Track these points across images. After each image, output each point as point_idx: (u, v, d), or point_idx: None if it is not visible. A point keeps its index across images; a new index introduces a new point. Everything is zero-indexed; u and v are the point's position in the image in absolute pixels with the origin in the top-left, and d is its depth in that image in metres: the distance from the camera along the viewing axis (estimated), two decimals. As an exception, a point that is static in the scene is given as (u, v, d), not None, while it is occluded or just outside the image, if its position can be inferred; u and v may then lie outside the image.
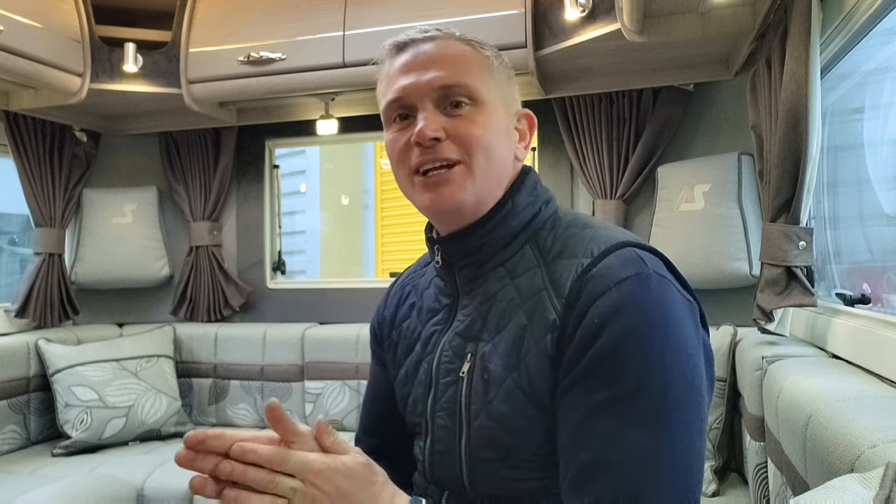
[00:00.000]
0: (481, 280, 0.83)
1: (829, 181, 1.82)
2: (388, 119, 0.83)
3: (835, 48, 1.55)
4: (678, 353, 0.69)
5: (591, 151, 2.37)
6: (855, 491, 0.61)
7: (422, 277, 0.97)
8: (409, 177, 0.81)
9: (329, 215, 5.28)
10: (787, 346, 1.58)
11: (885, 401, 0.99)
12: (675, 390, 0.67)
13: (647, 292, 0.70)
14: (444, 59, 0.80)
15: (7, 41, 2.03)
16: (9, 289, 3.69)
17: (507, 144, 0.83)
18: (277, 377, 2.67)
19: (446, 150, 0.78)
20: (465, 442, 0.79)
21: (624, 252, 0.74)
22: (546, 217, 0.84)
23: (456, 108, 0.79)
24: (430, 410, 0.84)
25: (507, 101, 0.84)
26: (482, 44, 0.84)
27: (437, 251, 0.85)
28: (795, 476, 1.06)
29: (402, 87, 0.80)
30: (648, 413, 0.66)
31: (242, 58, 2.35)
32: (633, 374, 0.67)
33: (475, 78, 0.80)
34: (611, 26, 1.88)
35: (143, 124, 2.85)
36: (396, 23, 2.22)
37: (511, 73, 0.87)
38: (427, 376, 0.85)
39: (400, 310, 0.97)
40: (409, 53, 0.81)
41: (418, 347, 0.89)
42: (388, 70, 0.83)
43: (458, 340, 0.82)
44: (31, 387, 2.44)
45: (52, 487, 1.89)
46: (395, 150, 0.82)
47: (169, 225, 2.96)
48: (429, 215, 0.85)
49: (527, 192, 0.83)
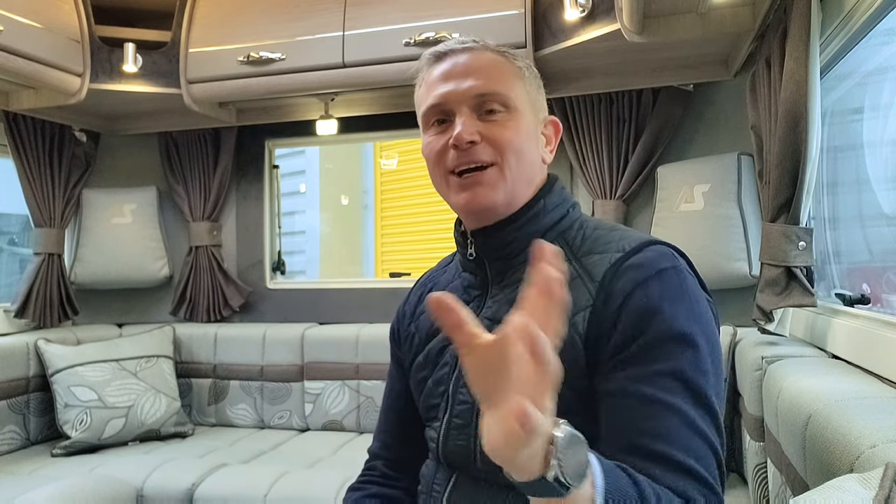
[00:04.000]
0: (511, 272, 0.88)
1: (828, 181, 1.82)
2: (427, 123, 0.90)
3: (834, 48, 1.55)
4: (711, 339, 0.77)
5: (591, 151, 2.37)
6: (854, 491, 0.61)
7: (443, 276, 1.02)
8: (445, 177, 0.88)
9: (329, 215, 5.28)
10: (787, 346, 1.58)
11: (884, 401, 0.99)
12: (711, 370, 0.75)
13: (684, 285, 0.78)
14: (481, 69, 0.86)
15: (7, 41, 2.03)
16: (8, 289, 3.69)
17: (536, 148, 0.89)
18: (277, 377, 2.67)
19: (481, 152, 0.84)
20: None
21: (659, 247, 0.81)
22: (574, 218, 0.90)
23: (490, 115, 0.85)
24: (454, 387, 0.88)
25: (537, 107, 0.91)
26: (514, 54, 0.91)
27: (471, 244, 0.90)
28: (795, 476, 1.06)
29: (442, 93, 0.86)
30: (695, 387, 0.73)
31: (242, 58, 2.35)
32: (680, 354, 0.74)
33: (508, 86, 0.86)
34: (610, 26, 1.88)
35: (143, 124, 2.84)
36: (396, 23, 2.22)
37: (540, 82, 0.93)
38: (453, 358, 0.89)
39: (420, 304, 1.01)
40: (448, 63, 0.87)
41: (443, 334, 0.92)
42: (428, 77, 0.89)
43: (486, 323, 0.85)
44: (31, 387, 2.44)
45: (51, 488, 1.89)
46: (432, 151, 0.88)
47: (168, 225, 2.96)
48: (462, 213, 0.90)
49: (557, 194, 0.90)
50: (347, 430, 2.57)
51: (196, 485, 2.02)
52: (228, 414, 2.71)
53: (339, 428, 2.58)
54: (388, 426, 1.07)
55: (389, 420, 1.07)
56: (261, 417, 2.69)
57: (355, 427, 2.56)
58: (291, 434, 2.60)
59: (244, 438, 2.54)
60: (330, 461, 2.24)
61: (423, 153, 0.90)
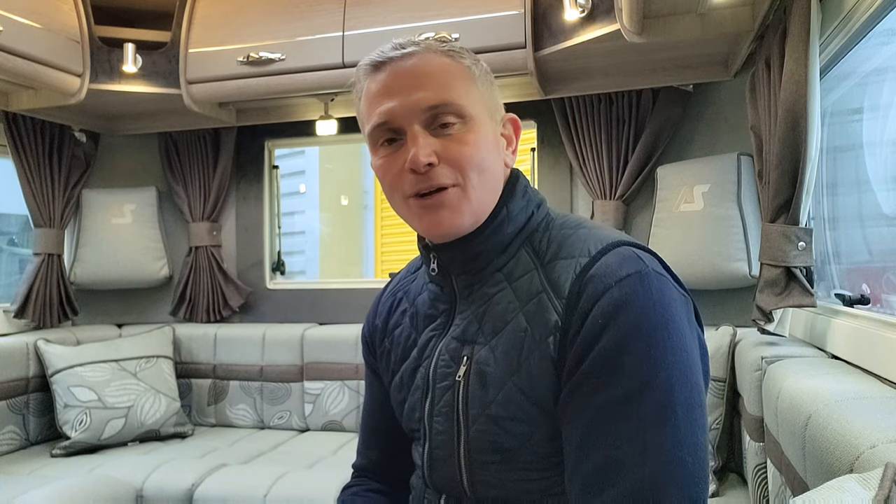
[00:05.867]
0: (479, 285, 0.83)
1: (828, 182, 1.82)
2: (375, 142, 0.81)
3: (834, 49, 1.55)
4: (680, 351, 0.69)
5: (591, 152, 2.37)
6: (854, 491, 0.61)
7: (413, 283, 0.96)
8: (404, 202, 0.80)
9: (328, 216, 5.28)
10: (787, 346, 1.58)
11: (884, 401, 0.99)
12: (679, 388, 0.68)
13: (647, 291, 0.70)
14: (427, 77, 0.77)
15: (6, 41, 2.03)
16: (8, 289, 3.69)
17: (497, 155, 0.82)
18: (277, 378, 2.67)
19: (440, 175, 0.77)
20: (465, 446, 0.79)
21: (621, 250, 0.74)
22: (539, 219, 0.84)
23: (444, 129, 0.77)
24: (428, 416, 0.84)
25: (492, 109, 0.83)
26: (461, 52, 0.82)
27: (433, 259, 0.84)
28: (795, 476, 1.06)
29: (387, 110, 0.77)
30: (655, 411, 0.66)
31: (242, 58, 2.35)
32: (637, 373, 0.67)
33: (460, 93, 0.78)
34: (610, 27, 1.88)
35: (143, 125, 2.84)
36: (396, 23, 2.22)
37: (492, 77, 0.85)
38: (424, 381, 0.85)
39: (392, 317, 0.96)
40: (388, 72, 0.78)
41: (415, 353, 0.88)
42: (368, 91, 0.80)
43: (454, 344, 0.82)
44: (31, 387, 2.44)
45: (51, 488, 1.89)
46: (386, 175, 0.80)
47: (168, 225, 2.96)
48: (427, 238, 0.84)
49: (519, 197, 0.83)
50: (347, 430, 2.57)
51: (196, 485, 2.02)
52: (228, 414, 2.71)
53: (339, 428, 2.58)
54: (371, 442, 1.03)
55: (373, 435, 1.03)
56: (260, 418, 2.69)
57: (355, 427, 2.55)
58: (291, 434, 2.60)
59: (244, 439, 2.54)
60: (330, 461, 2.24)
61: (377, 174, 0.82)
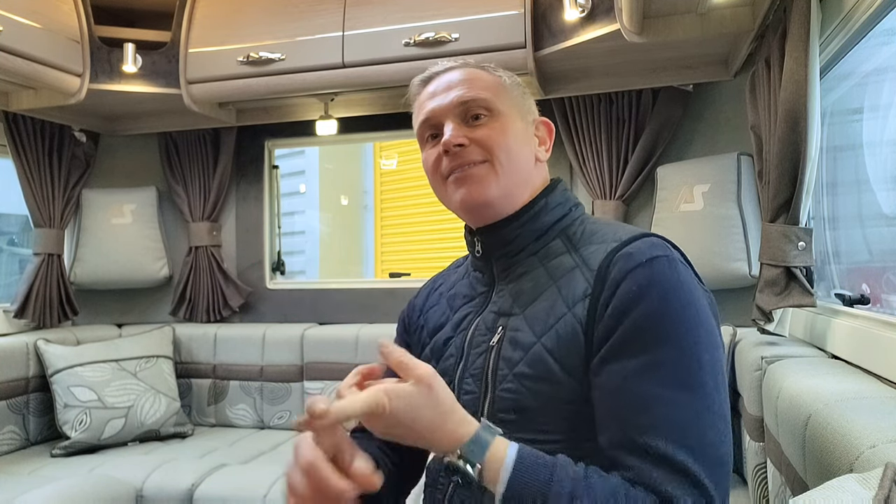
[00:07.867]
0: (515, 267, 0.92)
1: (828, 181, 1.82)
2: (423, 140, 0.96)
3: (834, 48, 1.55)
4: (707, 332, 0.77)
5: (591, 152, 2.37)
6: (854, 491, 0.61)
7: (454, 275, 1.07)
8: (441, 183, 0.93)
9: (328, 216, 5.28)
10: (787, 346, 1.58)
11: (884, 401, 0.99)
12: (708, 359, 0.75)
13: (675, 273, 0.78)
14: (463, 81, 0.93)
15: (6, 41, 2.03)
16: (8, 289, 3.69)
17: (528, 147, 0.94)
18: (277, 377, 2.67)
19: (471, 153, 0.89)
20: (489, 405, 0.85)
21: (652, 238, 0.83)
22: (576, 217, 0.94)
23: (476, 120, 0.91)
24: (459, 378, 0.90)
25: (523, 111, 0.96)
26: (495, 68, 0.97)
27: (477, 241, 0.94)
28: (794, 476, 1.06)
29: (430, 109, 0.93)
30: (688, 376, 0.73)
31: (242, 58, 2.35)
32: (670, 341, 0.74)
33: (490, 92, 0.92)
34: (610, 27, 1.88)
35: (143, 125, 2.84)
36: (396, 23, 2.22)
37: (524, 89, 0.99)
38: (459, 349, 0.93)
39: (430, 299, 1.07)
40: (434, 83, 0.95)
41: (448, 327, 0.97)
42: (419, 100, 0.97)
43: (491, 316, 0.91)
44: (30, 387, 2.44)
45: (51, 488, 1.89)
46: (429, 163, 0.94)
47: (168, 225, 2.96)
48: (461, 213, 0.94)
49: (559, 194, 0.94)
50: (347, 430, 2.57)
51: (196, 485, 2.02)
52: (228, 414, 2.71)
53: (339, 428, 2.58)
54: None
55: None
56: (260, 418, 2.69)
57: (355, 427, 2.55)
58: (291, 434, 2.60)
59: (244, 439, 2.54)
60: (330, 461, 2.24)
61: (424, 169, 0.97)
